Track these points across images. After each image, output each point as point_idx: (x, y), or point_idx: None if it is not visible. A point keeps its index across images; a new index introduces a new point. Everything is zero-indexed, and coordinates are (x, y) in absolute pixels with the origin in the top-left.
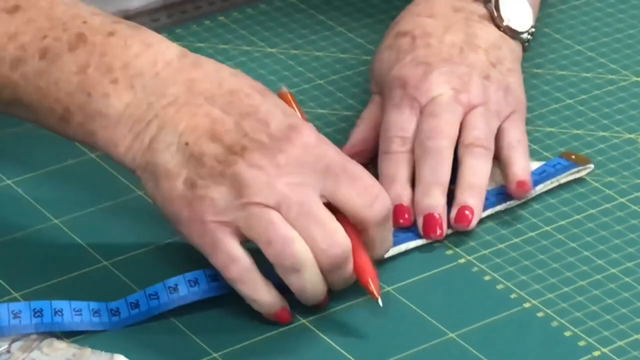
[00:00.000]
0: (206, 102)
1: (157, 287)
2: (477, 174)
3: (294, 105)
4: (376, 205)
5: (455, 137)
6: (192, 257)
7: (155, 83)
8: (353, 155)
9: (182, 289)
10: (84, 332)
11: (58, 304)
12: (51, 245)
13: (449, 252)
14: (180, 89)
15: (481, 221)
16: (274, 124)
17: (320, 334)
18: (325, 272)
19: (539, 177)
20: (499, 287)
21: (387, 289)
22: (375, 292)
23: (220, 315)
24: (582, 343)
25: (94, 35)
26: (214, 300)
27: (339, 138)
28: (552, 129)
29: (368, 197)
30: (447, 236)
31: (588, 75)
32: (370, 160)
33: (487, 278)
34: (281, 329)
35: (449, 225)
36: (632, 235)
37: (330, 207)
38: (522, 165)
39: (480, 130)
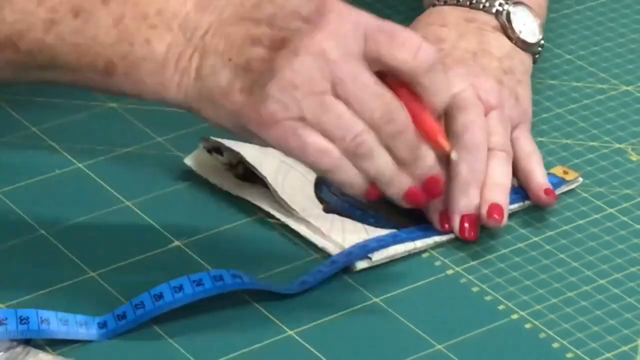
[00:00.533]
0: (234, 17)
1: (143, 297)
2: (503, 174)
3: None
4: (420, 55)
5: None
6: (180, 267)
7: (188, 20)
8: None
9: (167, 295)
10: (70, 344)
11: (44, 313)
12: (38, 256)
13: (438, 263)
14: (212, 18)
15: None
16: (304, 11)
17: (307, 345)
18: (389, 142)
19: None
20: (488, 298)
21: (375, 300)
22: (446, 145)
23: (207, 327)
24: (570, 355)
25: None
26: (201, 311)
27: None
28: (542, 139)
29: (409, 48)
30: (436, 247)
31: (578, 84)
32: None
33: (475, 289)
34: (268, 341)
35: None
36: (621, 246)
37: (378, 74)
38: (543, 174)
39: (500, 136)
